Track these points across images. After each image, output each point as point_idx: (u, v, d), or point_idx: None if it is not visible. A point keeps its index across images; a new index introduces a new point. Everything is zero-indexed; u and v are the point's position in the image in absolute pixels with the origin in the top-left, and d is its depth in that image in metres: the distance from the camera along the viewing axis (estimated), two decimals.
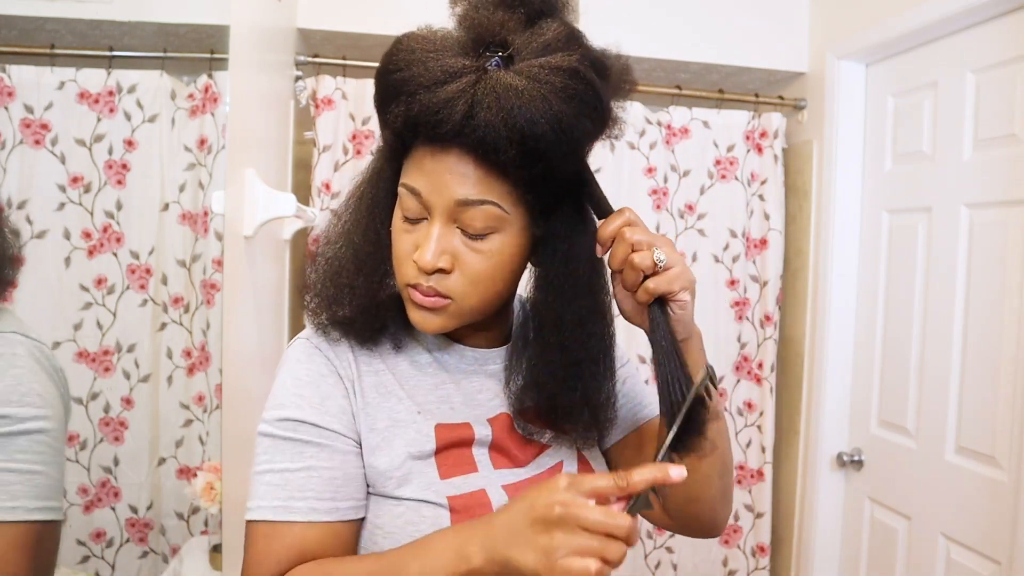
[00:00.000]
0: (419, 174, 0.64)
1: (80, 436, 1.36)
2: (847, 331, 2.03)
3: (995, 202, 1.59)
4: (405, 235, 0.67)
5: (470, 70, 0.60)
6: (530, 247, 0.69)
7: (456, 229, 0.65)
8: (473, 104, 0.59)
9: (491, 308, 0.71)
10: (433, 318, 0.68)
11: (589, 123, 0.63)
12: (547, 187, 0.65)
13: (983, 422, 1.59)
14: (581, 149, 0.65)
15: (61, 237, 1.38)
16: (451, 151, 0.62)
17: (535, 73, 0.59)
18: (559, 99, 0.59)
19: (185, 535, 1.49)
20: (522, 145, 0.59)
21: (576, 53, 0.61)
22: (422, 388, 0.73)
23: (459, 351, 0.76)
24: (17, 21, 1.40)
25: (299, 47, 1.96)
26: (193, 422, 1.51)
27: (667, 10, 2.07)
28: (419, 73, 0.60)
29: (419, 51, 0.61)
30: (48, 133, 1.39)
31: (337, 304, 0.70)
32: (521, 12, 0.64)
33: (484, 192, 0.63)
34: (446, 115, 0.59)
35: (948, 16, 1.64)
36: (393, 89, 0.62)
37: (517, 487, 0.72)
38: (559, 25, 0.64)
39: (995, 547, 1.53)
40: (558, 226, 0.68)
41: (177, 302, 1.52)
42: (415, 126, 0.62)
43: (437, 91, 0.59)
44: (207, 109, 1.57)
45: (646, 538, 2.14)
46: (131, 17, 1.50)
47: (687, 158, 2.14)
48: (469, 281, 0.66)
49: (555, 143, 0.60)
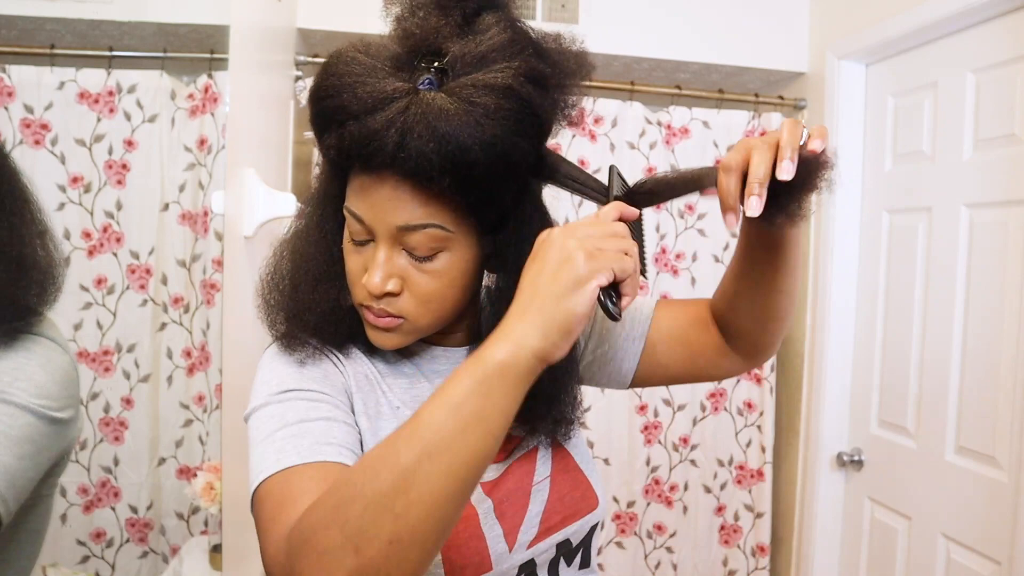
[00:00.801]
0: (359, 200, 0.64)
1: (80, 436, 1.36)
2: (847, 331, 2.03)
3: (995, 202, 1.59)
4: (355, 255, 0.67)
5: (401, 93, 0.58)
6: (481, 259, 0.68)
7: (402, 251, 0.64)
8: (404, 132, 0.57)
9: (446, 321, 0.70)
10: (389, 337, 0.68)
11: (525, 142, 0.61)
12: (490, 207, 0.64)
13: (983, 422, 1.59)
14: (518, 169, 0.63)
15: (61, 237, 1.38)
16: (386, 179, 0.61)
17: (467, 94, 0.57)
18: (492, 122, 0.57)
19: (185, 535, 1.49)
20: (455, 172, 0.58)
21: (512, 66, 0.59)
22: (397, 387, 0.73)
23: (430, 351, 0.76)
24: (17, 21, 1.40)
25: (299, 47, 1.96)
26: (193, 422, 1.51)
27: (667, 10, 2.07)
28: (348, 101, 0.59)
29: (348, 75, 0.60)
30: (48, 133, 1.39)
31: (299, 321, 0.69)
32: (456, 14, 0.62)
33: (425, 216, 0.62)
34: (377, 146, 0.58)
35: (948, 16, 1.64)
36: (325, 118, 0.61)
37: (495, 483, 0.72)
38: (497, 28, 0.61)
39: (995, 547, 1.53)
40: (507, 238, 0.67)
41: (177, 302, 1.51)
42: (348, 156, 0.61)
43: (367, 121, 0.58)
44: (207, 109, 1.57)
45: (646, 538, 2.14)
46: (131, 17, 1.51)
47: (687, 158, 2.14)
48: (420, 301, 0.66)
49: (490, 167, 0.58)
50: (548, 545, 0.72)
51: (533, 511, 0.71)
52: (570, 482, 0.75)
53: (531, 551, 0.70)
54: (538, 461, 0.75)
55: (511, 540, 0.69)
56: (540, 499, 0.73)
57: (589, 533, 0.76)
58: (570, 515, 0.74)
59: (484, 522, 0.68)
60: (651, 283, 2.13)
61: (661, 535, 2.14)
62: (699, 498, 2.17)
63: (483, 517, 0.69)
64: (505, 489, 0.71)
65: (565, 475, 0.76)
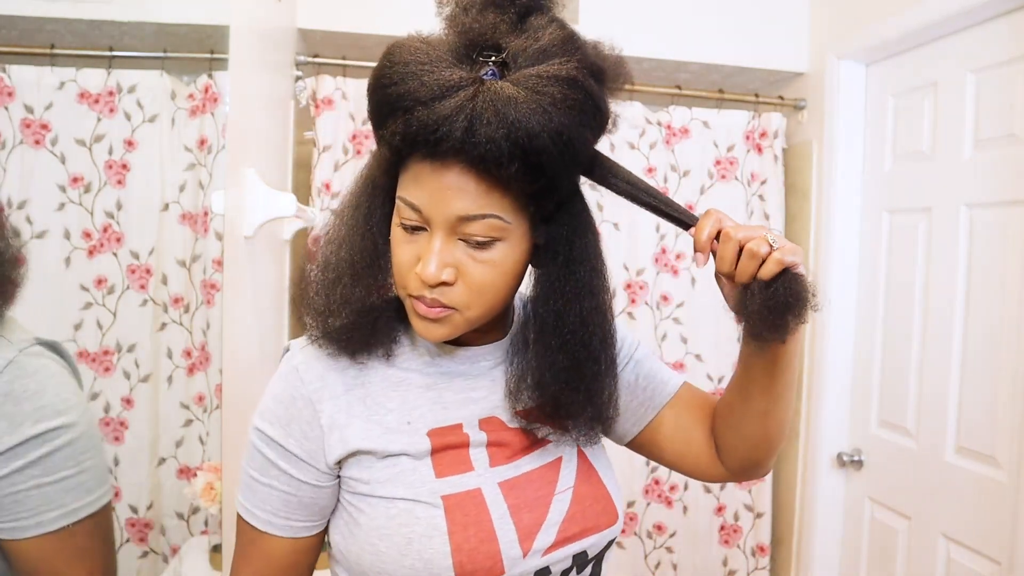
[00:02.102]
0: (418, 188, 0.63)
1: None
2: (847, 331, 2.03)
3: (995, 202, 1.59)
4: (406, 245, 0.66)
5: (467, 82, 0.59)
6: (531, 252, 0.69)
7: (458, 241, 0.64)
8: (473, 119, 0.57)
9: (494, 314, 0.70)
10: (437, 328, 0.67)
11: (589, 132, 0.62)
12: (549, 196, 0.65)
13: (983, 422, 1.59)
14: (582, 158, 0.64)
15: (61, 237, 1.38)
16: (451, 166, 0.61)
17: (533, 84, 0.58)
18: (559, 111, 0.58)
19: (185, 535, 1.49)
20: (524, 159, 0.58)
21: (573, 59, 0.60)
22: (412, 392, 0.72)
23: (451, 350, 0.75)
24: (17, 21, 1.40)
25: (299, 47, 1.96)
26: (193, 422, 1.51)
27: (667, 10, 2.07)
28: (414, 88, 0.58)
29: (413, 63, 0.59)
30: (48, 133, 1.39)
31: (332, 315, 0.69)
32: (512, 12, 0.62)
33: (485, 206, 0.62)
34: (446, 132, 0.58)
35: (948, 16, 1.64)
36: (388, 105, 0.61)
37: (514, 483, 0.71)
38: (554, 27, 0.62)
39: (995, 547, 1.53)
40: (559, 231, 0.68)
41: (177, 302, 1.51)
42: (413, 142, 0.60)
43: (435, 107, 0.58)
44: (207, 109, 1.56)
45: (646, 538, 2.14)
46: (131, 17, 1.50)
47: (687, 158, 2.14)
48: (473, 292, 0.65)
49: (557, 155, 0.59)
50: (564, 555, 0.71)
51: (552, 519, 0.71)
52: (592, 495, 0.76)
53: (547, 558, 0.70)
54: (562, 471, 0.75)
55: (526, 546, 0.69)
56: (560, 508, 0.72)
57: (605, 547, 0.76)
58: (590, 527, 0.74)
59: (498, 527, 0.68)
60: (651, 283, 2.13)
61: (661, 535, 2.14)
62: (699, 498, 2.17)
63: (497, 521, 0.68)
64: (524, 494, 0.71)
65: (588, 487, 0.76)
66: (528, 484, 0.72)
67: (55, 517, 0.74)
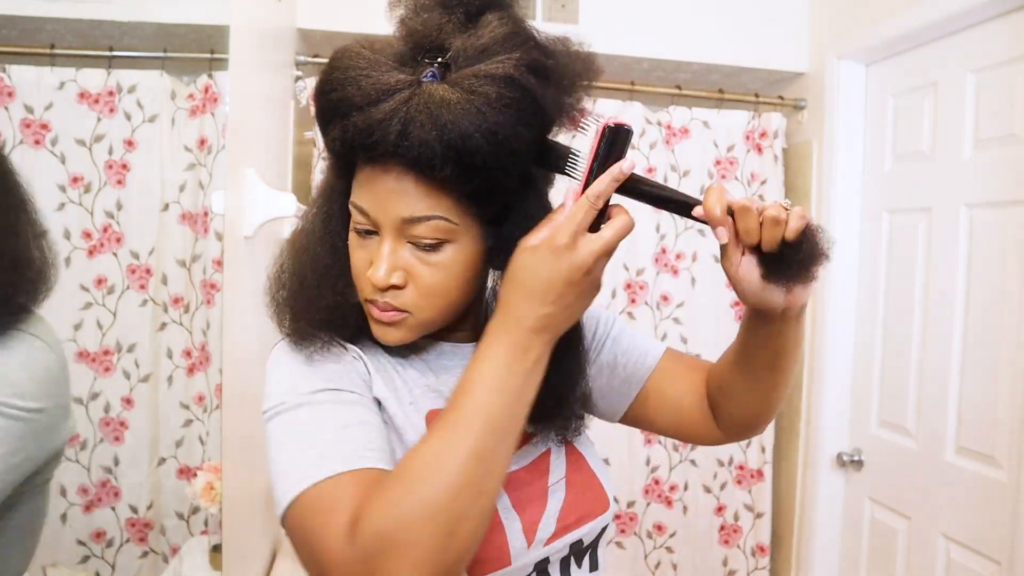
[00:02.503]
0: (364, 192, 0.65)
1: (80, 436, 1.36)
2: (847, 331, 2.03)
3: (995, 202, 1.59)
4: (359, 250, 0.67)
5: (404, 85, 0.59)
6: (485, 253, 0.68)
7: (407, 244, 0.65)
8: (406, 122, 0.58)
9: (451, 316, 0.70)
10: (392, 331, 0.68)
11: (527, 131, 0.60)
12: (492, 197, 0.64)
13: (983, 422, 1.59)
14: (520, 157, 0.62)
15: (61, 237, 1.38)
16: (391, 169, 0.62)
17: (469, 84, 0.58)
18: (494, 110, 0.58)
19: (185, 535, 1.49)
20: (458, 160, 0.58)
21: (513, 56, 0.59)
22: (409, 379, 0.73)
23: (438, 347, 0.76)
24: (17, 21, 1.40)
25: (299, 47, 1.96)
26: (193, 422, 1.51)
27: (667, 10, 2.07)
28: (352, 93, 0.59)
29: (353, 68, 0.60)
30: (48, 133, 1.39)
31: (306, 318, 0.69)
32: (459, 12, 0.63)
33: (429, 208, 0.62)
34: (380, 136, 0.58)
35: (948, 16, 1.64)
36: (330, 111, 0.62)
37: (511, 478, 0.72)
38: (499, 22, 0.62)
39: (995, 547, 1.53)
40: (512, 231, 0.65)
41: (177, 302, 1.51)
42: (351, 148, 0.62)
43: (370, 111, 0.59)
44: (207, 109, 1.56)
45: (646, 538, 2.14)
46: (131, 17, 1.50)
47: (687, 158, 2.14)
48: (424, 295, 0.66)
49: (492, 155, 0.59)
50: (563, 544, 0.72)
51: (551, 510, 0.72)
52: (584, 483, 0.76)
53: (547, 548, 0.71)
54: (552, 463, 0.76)
55: (530, 536, 0.69)
56: (557, 498, 0.73)
57: (600, 534, 0.77)
58: (585, 515, 0.74)
59: (504, 518, 0.69)
60: (651, 283, 2.13)
61: (661, 535, 2.14)
62: (699, 498, 2.17)
63: (502, 512, 0.69)
64: (522, 488, 0.72)
65: (579, 475, 0.76)
66: (524, 478, 0.73)
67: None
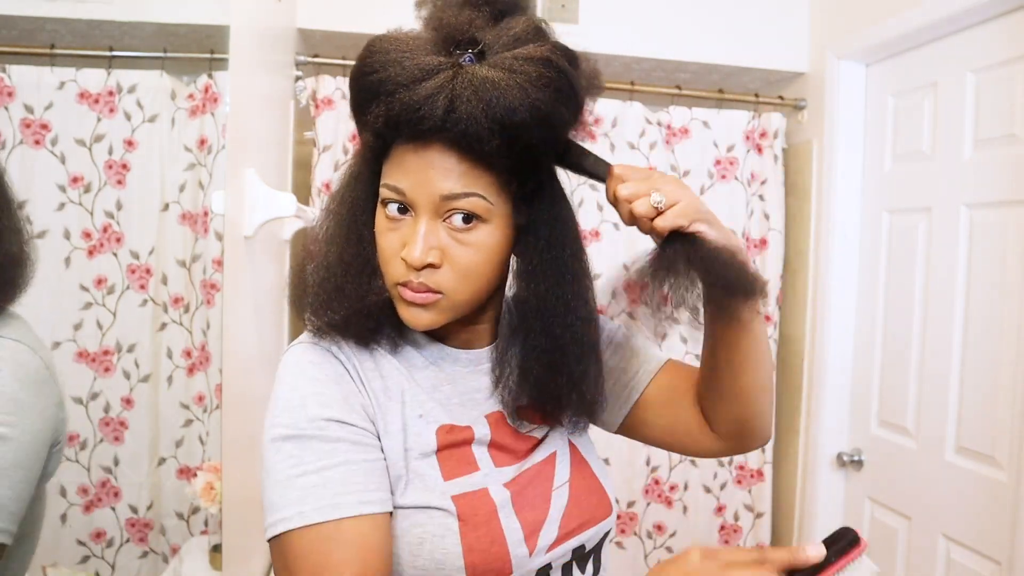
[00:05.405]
0: (401, 172, 0.65)
1: (80, 436, 1.36)
2: (847, 331, 2.03)
3: (995, 202, 1.59)
4: (390, 234, 0.67)
5: (446, 66, 0.61)
6: (514, 237, 0.70)
7: (442, 223, 0.65)
8: (453, 98, 0.60)
9: (480, 300, 0.71)
10: (424, 314, 0.67)
11: (565, 110, 0.64)
12: (529, 174, 0.67)
13: (983, 422, 1.59)
14: (559, 136, 0.66)
15: (61, 237, 1.38)
16: (433, 146, 0.63)
17: (509, 64, 0.61)
18: (535, 87, 0.60)
19: (185, 535, 1.49)
20: (503, 134, 0.60)
21: (547, 43, 0.63)
22: (421, 390, 0.73)
23: (453, 355, 0.76)
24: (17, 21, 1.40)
25: (299, 47, 1.96)
26: (193, 422, 1.51)
27: (667, 10, 2.07)
28: (396, 73, 0.61)
29: (393, 52, 0.62)
30: (48, 133, 1.39)
31: (330, 308, 0.69)
32: (487, 10, 0.65)
33: (468, 184, 0.64)
34: (427, 111, 0.60)
35: (948, 16, 1.64)
36: (371, 91, 0.63)
37: (516, 482, 0.72)
38: (526, 20, 0.66)
39: (995, 547, 1.53)
40: (539, 213, 0.70)
41: (177, 302, 1.51)
42: (396, 125, 0.63)
43: (416, 88, 0.60)
44: (207, 109, 1.56)
45: (646, 538, 2.14)
46: (131, 17, 1.50)
47: (687, 158, 2.14)
48: (459, 274, 0.66)
49: (535, 130, 0.61)
50: (565, 550, 0.72)
51: (553, 515, 0.72)
52: (587, 488, 0.76)
53: (549, 555, 0.70)
54: (557, 466, 0.76)
55: (531, 544, 0.69)
56: (560, 504, 0.73)
57: (602, 539, 0.77)
58: (587, 521, 0.74)
59: (506, 527, 0.68)
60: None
61: (661, 535, 2.15)
62: (699, 498, 2.17)
63: (504, 521, 0.69)
64: (526, 493, 0.72)
65: (582, 481, 0.76)
66: (528, 482, 0.73)
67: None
